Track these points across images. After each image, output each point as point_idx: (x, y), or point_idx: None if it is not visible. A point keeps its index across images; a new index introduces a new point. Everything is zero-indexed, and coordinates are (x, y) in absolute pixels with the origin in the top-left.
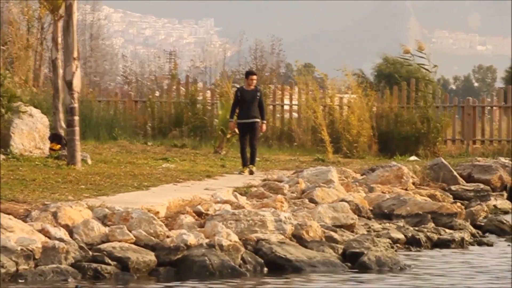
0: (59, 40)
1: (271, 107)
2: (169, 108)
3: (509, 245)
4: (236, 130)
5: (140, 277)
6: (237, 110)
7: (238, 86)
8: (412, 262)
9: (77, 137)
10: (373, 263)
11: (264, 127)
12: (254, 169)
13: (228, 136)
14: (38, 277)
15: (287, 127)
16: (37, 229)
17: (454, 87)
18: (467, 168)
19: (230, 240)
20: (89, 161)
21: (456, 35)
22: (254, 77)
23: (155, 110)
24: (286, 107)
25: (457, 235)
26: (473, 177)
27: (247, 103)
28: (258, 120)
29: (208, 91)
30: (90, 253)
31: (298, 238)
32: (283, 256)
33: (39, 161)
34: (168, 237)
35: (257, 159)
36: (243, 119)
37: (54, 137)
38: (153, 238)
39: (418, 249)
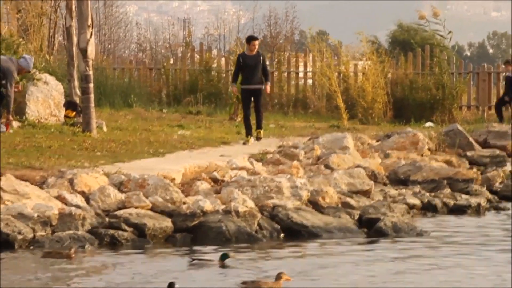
0: (73, 7)
1: (285, 74)
2: (183, 76)
3: None
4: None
5: (156, 243)
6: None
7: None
8: (428, 227)
9: (92, 104)
10: (390, 228)
11: (268, 88)
12: (261, 133)
13: None
14: (55, 243)
15: (302, 94)
16: (53, 195)
17: (468, 53)
18: (483, 134)
19: (247, 206)
20: (105, 128)
21: (471, 1)
22: (256, 42)
23: (169, 77)
24: (301, 74)
25: (473, 200)
26: (488, 143)
27: (250, 68)
28: (261, 86)
29: (223, 59)
30: (107, 219)
31: (314, 204)
32: (299, 222)
33: (55, 128)
34: (184, 203)
35: (272, 125)
36: (247, 85)
37: (69, 104)
38: (169, 205)
39: (434, 214)
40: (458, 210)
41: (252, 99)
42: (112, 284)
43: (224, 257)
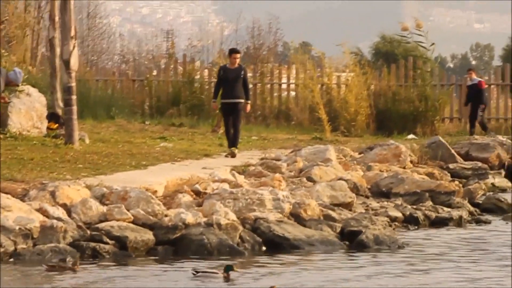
0: (57, 18)
1: (268, 86)
2: (166, 87)
3: (507, 223)
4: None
5: (138, 256)
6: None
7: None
8: (410, 240)
9: (75, 116)
10: (371, 241)
11: (248, 107)
12: (236, 151)
13: None
14: (36, 256)
15: (285, 106)
16: (35, 208)
17: (451, 65)
18: (465, 146)
19: (228, 219)
20: (87, 140)
21: (453, 12)
22: (238, 55)
23: (152, 89)
24: (284, 86)
25: (455, 213)
26: (471, 155)
27: (231, 82)
28: (242, 100)
29: (206, 70)
30: (88, 232)
31: (296, 217)
32: (281, 235)
33: (37, 140)
34: (166, 216)
35: (254, 137)
36: (227, 99)
37: (52, 116)
38: (151, 217)
39: (416, 227)
40: (440, 223)
41: (232, 114)
42: None
43: (228, 268)
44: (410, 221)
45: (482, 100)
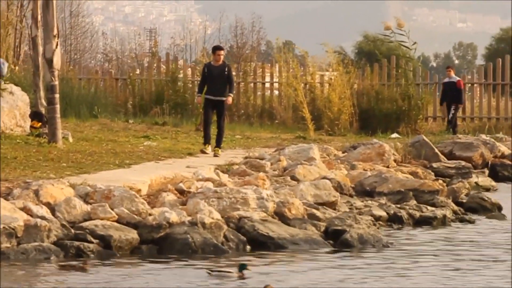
0: (39, 17)
1: (251, 84)
2: (149, 86)
3: (491, 221)
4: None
5: (122, 255)
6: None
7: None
8: (394, 239)
9: (58, 115)
10: (355, 240)
11: (229, 99)
12: (219, 152)
13: None
14: (20, 255)
15: (268, 105)
16: (19, 207)
17: (434, 64)
18: (449, 145)
19: (212, 218)
20: (71, 139)
21: (436, 12)
22: (221, 52)
23: (135, 88)
24: (267, 85)
25: (439, 212)
26: (454, 154)
27: (215, 79)
28: (225, 98)
29: (189, 69)
30: (72, 231)
31: (280, 216)
32: (266, 234)
33: (20, 139)
34: (150, 215)
35: (238, 136)
36: (210, 95)
37: (35, 115)
38: (135, 216)
39: (400, 226)
40: (424, 222)
41: (215, 112)
42: None
43: (242, 267)
44: (394, 220)
45: (460, 100)
